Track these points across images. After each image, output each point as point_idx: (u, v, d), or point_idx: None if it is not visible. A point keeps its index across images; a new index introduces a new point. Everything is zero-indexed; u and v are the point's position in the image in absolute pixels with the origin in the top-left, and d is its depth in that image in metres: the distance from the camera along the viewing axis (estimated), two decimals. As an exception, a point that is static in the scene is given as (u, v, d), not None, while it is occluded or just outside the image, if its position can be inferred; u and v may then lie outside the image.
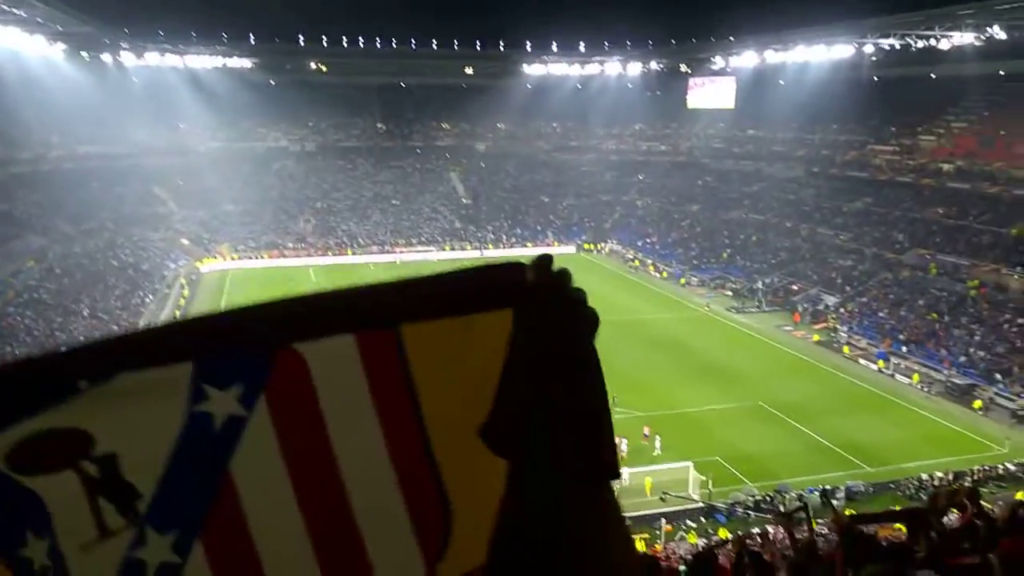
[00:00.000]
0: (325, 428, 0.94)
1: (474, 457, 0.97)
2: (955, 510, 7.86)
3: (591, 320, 1.01)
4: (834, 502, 25.86)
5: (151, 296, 50.91)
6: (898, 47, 59.00)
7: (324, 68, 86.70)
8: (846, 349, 41.05)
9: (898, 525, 12.21)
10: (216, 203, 70.10)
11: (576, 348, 1.00)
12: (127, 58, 70.31)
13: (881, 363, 38.50)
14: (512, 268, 1.00)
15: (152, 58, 71.71)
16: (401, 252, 66.99)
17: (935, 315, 41.72)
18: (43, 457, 0.89)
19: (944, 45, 54.23)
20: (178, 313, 48.62)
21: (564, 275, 0.99)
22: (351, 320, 0.96)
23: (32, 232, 52.76)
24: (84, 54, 65.36)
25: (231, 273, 61.21)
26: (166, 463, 0.91)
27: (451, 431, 0.98)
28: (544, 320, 0.98)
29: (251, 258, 64.77)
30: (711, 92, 79.16)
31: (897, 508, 22.74)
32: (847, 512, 24.38)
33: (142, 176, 69.01)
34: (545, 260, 0.99)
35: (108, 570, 0.91)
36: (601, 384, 1.03)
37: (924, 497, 26.14)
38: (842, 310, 46.09)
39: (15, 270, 45.59)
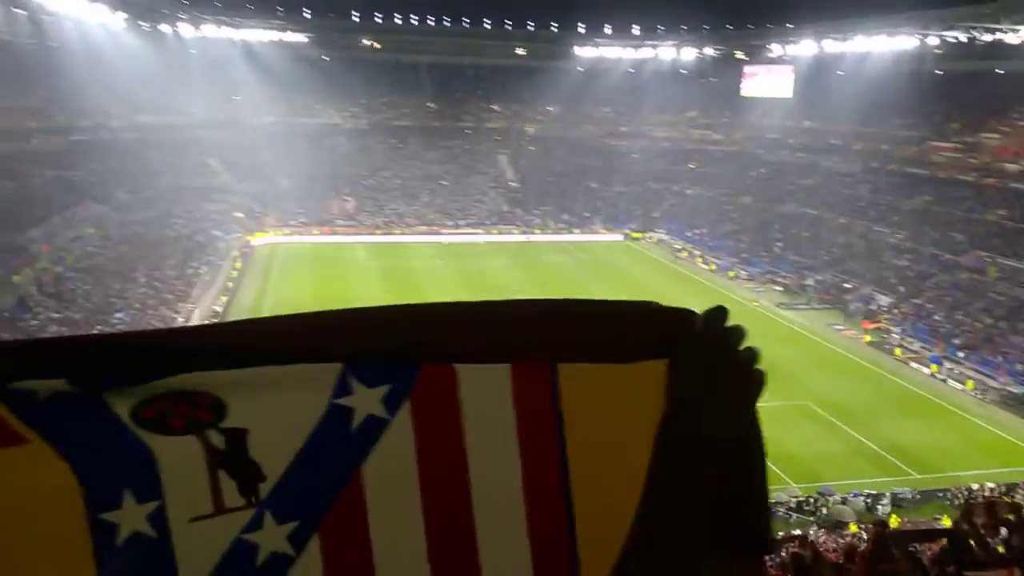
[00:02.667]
0: (464, 449, 0.91)
1: (610, 511, 0.93)
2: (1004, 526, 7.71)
3: (758, 385, 0.94)
4: (879, 508, 25.62)
5: (205, 267, 51.90)
6: (963, 40, 57.04)
7: (377, 45, 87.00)
8: (898, 351, 40.21)
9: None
10: (269, 177, 71.10)
11: (736, 426, 0.94)
12: (185, 29, 71.35)
13: (934, 367, 37.65)
14: (681, 316, 0.95)
15: (209, 30, 72.66)
16: (448, 234, 67.29)
17: (992, 320, 40.63)
18: (171, 417, 0.86)
19: (1012, 39, 52.33)
20: (230, 284, 49.64)
21: (737, 333, 0.93)
22: (509, 348, 0.93)
23: (92, 200, 54.10)
24: (143, 24, 66.44)
25: (282, 247, 62.20)
26: (298, 451, 0.88)
27: (592, 480, 0.94)
28: (707, 384, 0.92)
29: (302, 233, 65.67)
30: (767, 80, 77.52)
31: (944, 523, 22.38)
32: (892, 519, 24.06)
33: (198, 148, 70.20)
34: (720, 314, 0.94)
35: (216, 548, 0.87)
36: (760, 459, 0.97)
37: (974, 508, 25.68)
38: (896, 311, 45.12)
39: (75, 236, 46.85)
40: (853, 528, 23.01)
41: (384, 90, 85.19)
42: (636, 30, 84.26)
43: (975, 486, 26.43)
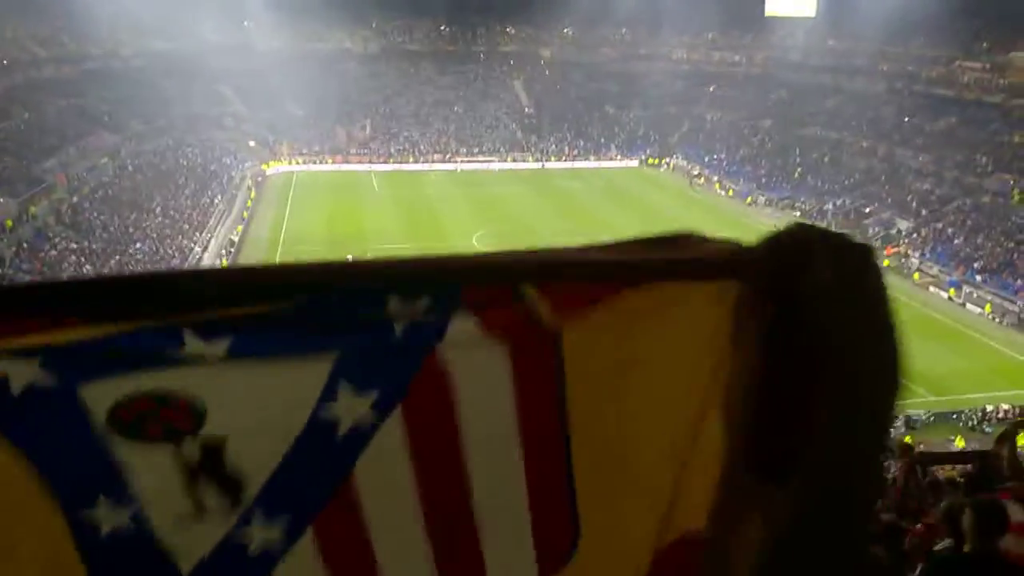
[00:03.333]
0: (460, 448, 0.91)
1: (617, 487, 0.93)
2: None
3: (879, 284, 0.82)
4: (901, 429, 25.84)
5: (220, 197, 51.91)
6: (998, -46, 54.77)
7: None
8: (916, 276, 39.90)
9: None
10: (281, 105, 70.35)
11: (871, 326, 0.79)
12: (193, -47, 69.68)
13: (952, 291, 37.40)
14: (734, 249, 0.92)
15: (218, -47, 70.89)
16: (461, 161, 66.70)
17: (1013, 244, 40.08)
18: (149, 422, 0.85)
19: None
20: (246, 215, 49.72)
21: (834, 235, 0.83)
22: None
23: (105, 129, 53.88)
24: (152, -52, 64.94)
25: (296, 176, 62.00)
26: (285, 452, 0.87)
27: (599, 459, 0.93)
28: (817, 286, 0.80)
29: (315, 162, 65.31)
30: (790, -1, 75.05)
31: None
32: (907, 440, 24.31)
33: (209, 75, 69.39)
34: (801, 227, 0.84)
35: (205, 544, 0.88)
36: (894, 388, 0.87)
37: (988, 429, 25.80)
38: (915, 235, 44.58)
39: (90, 166, 46.86)
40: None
41: (396, 13, 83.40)
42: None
43: (989, 407, 26.56)
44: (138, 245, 39.15)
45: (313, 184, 59.65)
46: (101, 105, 57.59)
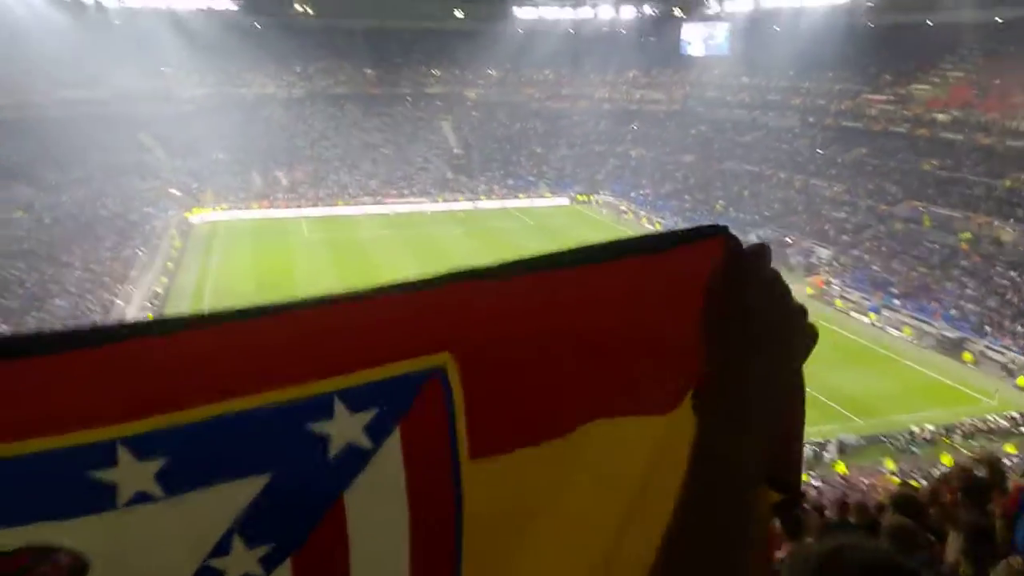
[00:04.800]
0: (450, 468, 0.86)
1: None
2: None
3: (814, 338, 1.00)
4: (825, 455, 26.53)
5: (142, 248, 50.43)
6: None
7: (310, 11, 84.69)
8: (838, 302, 41.35)
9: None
10: (204, 152, 69.06)
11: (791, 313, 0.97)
12: (108, -1, 68.46)
13: (873, 316, 38.88)
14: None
15: (133, -1, 69.84)
16: (392, 203, 66.55)
17: (927, 268, 42.02)
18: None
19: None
20: (170, 265, 48.35)
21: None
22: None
23: (19, 181, 51.98)
24: (62, -5, 63.59)
25: (222, 224, 60.73)
26: (267, 482, 0.78)
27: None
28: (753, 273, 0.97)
29: (241, 208, 64.13)
30: (705, 38, 78.11)
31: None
32: (838, 465, 24.93)
33: (128, 123, 67.70)
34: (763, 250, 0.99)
35: (181, 571, 0.78)
36: (803, 406, 0.98)
37: (915, 450, 26.76)
38: (835, 263, 46.32)
39: (3, 220, 45.04)
40: (804, 477, 23.75)
41: (319, 56, 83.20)
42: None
43: (915, 428, 27.54)
44: (57, 301, 37.64)
45: (240, 231, 58.50)
46: (14, 156, 55.49)
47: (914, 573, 0.99)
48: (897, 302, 39.70)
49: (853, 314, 39.85)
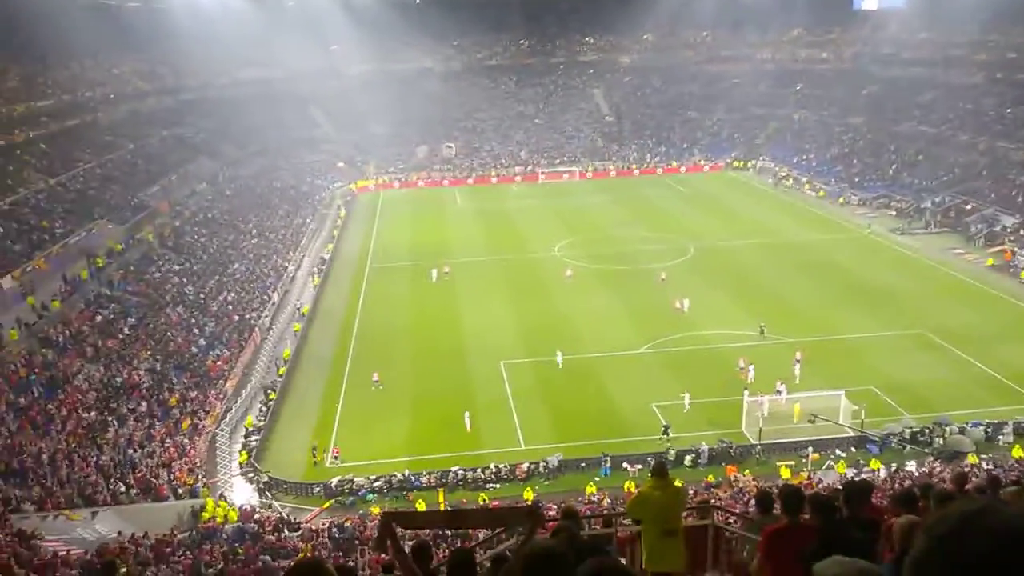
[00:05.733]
0: None
1: None
2: None
3: None
4: (999, 438, 24.38)
5: (311, 216, 53.73)
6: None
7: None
8: (1023, 275, 37.69)
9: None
10: (367, 125, 72.32)
11: None
12: (279, -17, 72.42)
13: (1065, 290, 35.15)
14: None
15: (302, -19, 73.49)
16: (543, 172, 66.97)
17: None
18: None
19: None
20: (336, 232, 51.22)
21: None
22: None
23: (203, 155, 56.67)
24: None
25: (383, 194, 63.63)
26: None
27: None
28: None
29: (400, 179, 66.81)
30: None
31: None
32: (1015, 450, 22.88)
33: (298, 99, 72.08)
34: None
35: None
36: None
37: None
38: (1022, 232, 42.14)
39: (190, 191, 49.29)
40: (972, 459, 22.02)
41: (476, 29, 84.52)
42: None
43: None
44: (236, 265, 40.91)
45: (400, 200, 61.14)
46: (199, 133, 60.65)
47: None
48: (1095, 275, 35.66)
49: (1041, 288, 36.19)
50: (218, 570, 15.88)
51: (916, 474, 21.29)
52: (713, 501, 11.90)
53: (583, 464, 23.53)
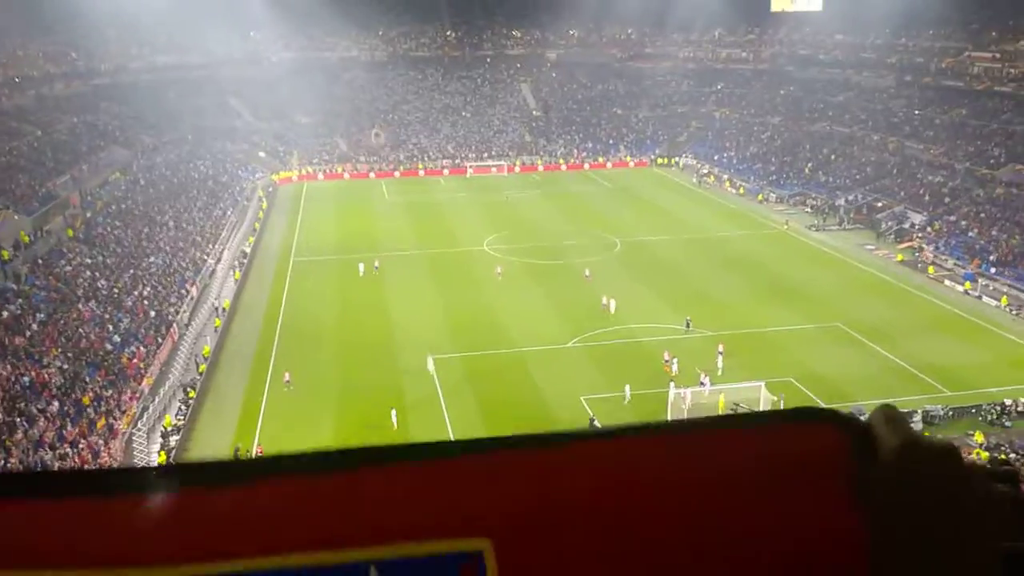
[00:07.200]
0: None
1: None
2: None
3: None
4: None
5: (231, 208, 52.18)
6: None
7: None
8: (931, 269, 39.62)
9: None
10: (290, 115, 70.67)
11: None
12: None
13: (968, 284, 37.06)
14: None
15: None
16: (471, 166, 66.81)
17: (1029, 235, 39.72)
18: None
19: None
20: (257, 225, 49.91)
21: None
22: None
23: (117, 144, 54.28)
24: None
25: (306, 185, 62.31)
26: None
27: None
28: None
29: (325, 171, 65.55)
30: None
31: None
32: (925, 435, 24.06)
33: (218, 86, 69.83)
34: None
35: None
36: None
37: (1008, 424, 25.57)
38: (929, 229, 44.27)
39: (103, 182, 47.17)
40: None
41: (402, 19, 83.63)
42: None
43: (1008, 401, 26.26)
44: (151, 259, 39.38)
45: (324, 192, 59.93)
46: (112, 121, 58.05)
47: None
48: (994, 271, 37.74)
49: (947, 282, 38.12)
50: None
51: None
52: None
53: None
